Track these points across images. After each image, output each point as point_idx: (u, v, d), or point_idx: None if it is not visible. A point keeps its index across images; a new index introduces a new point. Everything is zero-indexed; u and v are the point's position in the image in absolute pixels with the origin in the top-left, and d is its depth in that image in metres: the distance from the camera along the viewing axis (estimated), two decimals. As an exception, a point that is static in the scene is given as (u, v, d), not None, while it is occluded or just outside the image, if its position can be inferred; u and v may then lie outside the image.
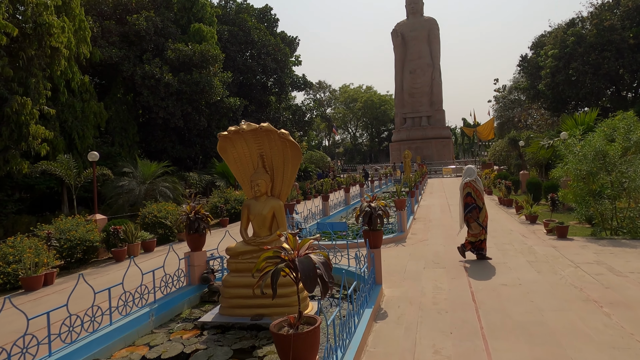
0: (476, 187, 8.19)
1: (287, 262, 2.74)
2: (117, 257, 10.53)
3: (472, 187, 8.20)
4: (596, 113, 19.64)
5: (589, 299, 5.74)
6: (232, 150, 6.32)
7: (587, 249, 8.74)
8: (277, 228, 6.15)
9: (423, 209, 16.99)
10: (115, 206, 16.96)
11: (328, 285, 2.67)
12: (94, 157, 13.03)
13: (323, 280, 2.65)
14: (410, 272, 7.68)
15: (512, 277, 6.96)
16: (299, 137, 39.78)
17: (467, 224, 8.30)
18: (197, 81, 22.81)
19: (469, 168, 8.58)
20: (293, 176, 6.23)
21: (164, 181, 18.12)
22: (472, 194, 8.21)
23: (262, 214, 6.11)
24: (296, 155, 6.08)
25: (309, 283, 2.57)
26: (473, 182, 8.21)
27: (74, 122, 19.67)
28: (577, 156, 10.96)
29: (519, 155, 30.77)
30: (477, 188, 8.18)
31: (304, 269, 2.62)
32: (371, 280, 6.23)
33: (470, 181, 8.25)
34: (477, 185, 8.23)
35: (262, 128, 5.85)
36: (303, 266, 2.64)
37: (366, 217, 6.39)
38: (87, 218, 12.95)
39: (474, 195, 8.19)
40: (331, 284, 2.70)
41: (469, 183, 8.23)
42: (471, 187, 8.21)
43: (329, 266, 2.73)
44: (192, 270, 7.07)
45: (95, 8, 22.83)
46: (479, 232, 8.12)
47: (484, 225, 8.14)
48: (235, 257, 6.05)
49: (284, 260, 2.78)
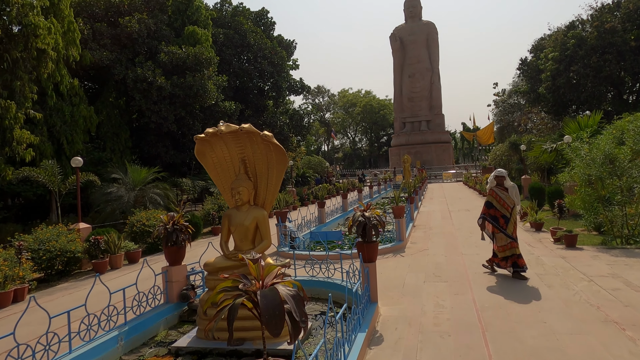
0: (499, 194, 7.35)
1: (249, 295, 2.15)
2: (97, 269, 9.90)
3: (494, 196, 7.40)
4: (600, 116, 19.08)
5: (608, 320, 5.13)
6: (211, 155, 5.74)
7: (599, 259, 8.13)
8: (260, 241, 5.55)
9: (423, 216, 16.38)
10: (103, 214, 16.34)
11: (300, 325, 2.07)
12: (78, 162, 12.43)
13: (293, 319, 2.05)
14: (409, 286, 7.07)
15: (521, 294, 6.35)
16: (297, 142, 39.18)
17: (491, 236, 7.54)
18: (190, 84, 22.22)
19: (498, 171, 7.59)
20: (278, 183, 5.63)
21: (155, 187, 17.49)
22: (493, 203, 7.40)
23: (244, 225, 5.51)
24: (281, 160, 5.49)
25: (273, 324, 1.97)
26: (495, 190, 7.41)
27: (62, 127, 19.06)
28: (584, 160, 10.38)
29: (520, 159, 30.21)
30: (500, 196, 7.33)
31: (268, 304, 2.03)
32: (366, 298, 5.62)
33: (492, 189, 7.48)
34: (502, 192, 7.35)
35: (242, 129, 5.26)
36: (267, 301, 2.05)
37: (359, 228, 5.79)
38: (69, 227, 12.35)
39: (497, 203, 7.36)
40: (304, 324, 2.09)
41: (491, 190, 7.48)
42: (493, 195, 7.43)
43: (301, 301, 2.13)
44: (170, 286, 6.45)
45: (86, 10, 22.28)
46: (505, 244, 7.26)
47: (513, 237, 7.26)
48: (214, 273, 5.44)
49: (246, 292, 2.18)
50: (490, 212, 7.43)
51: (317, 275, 7.37)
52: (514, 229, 7.32)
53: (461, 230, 12.60)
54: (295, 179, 35.23)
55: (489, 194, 7.46)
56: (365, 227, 5.77)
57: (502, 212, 7.29)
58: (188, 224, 6.70)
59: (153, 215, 14.38)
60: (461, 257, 8.97)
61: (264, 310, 2.01)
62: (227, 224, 5.63)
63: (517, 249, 7.24)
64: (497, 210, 7.33)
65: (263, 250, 5.49)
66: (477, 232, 11.96)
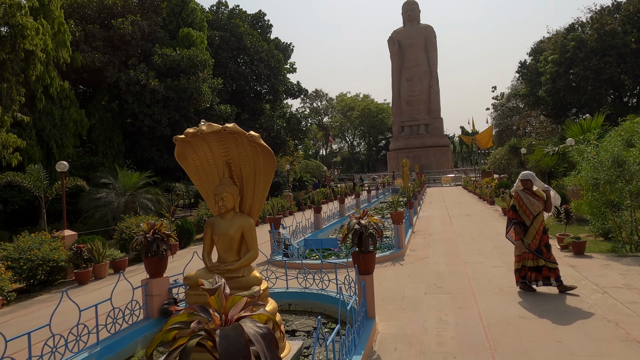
0: (522, 199, 6.63)
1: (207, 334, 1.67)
2: (80, 279, 9.38)
3: (518, 199, 6.71)
4: (602, 118, 18.65)
5: (629, 339, 4.64)
6: (193, 157, 5.24)
7: (611, 268, 7.65)
8: (246, 252, 5.05)
9: (422, 221, 15.90)
10: (92, 220, 15.82)
11: (270, 375, 1.58)
12: (63, 167, 11.93)
13: (260, 367, 1.56)
14: (409, 298, 6.57)
15: (531, 307, 5.86)
16: (294, 146, 38.73)
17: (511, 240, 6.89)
18: (184, 87, 21.79)
19: (523, 175, 6.76)
20: (266, 188, 5.14)
21: (147, 193, 17.00)
22: (516, 207, 6.71)
23: (229, 234, 5.01)
24: (269, 163, 4.99)
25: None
26: (520, 193, 6.68)
27: (52, 130, 18.57)
28: (591, 163, 9.92)
29: (520, 163, 29.80)
30: (524, 200, 6.61)
31: (229, 347, 1.55)
32: (362, 314, 5.13)
33: (517, 192, 6.78)
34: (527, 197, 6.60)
35: (226, 129, 4.77)
36: (227, 342, 1.56)
37: (355, 237, 5.30)
38: (54, 234, 11.83)
39: (519, 208, 6.67)
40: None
41: (516, 193, 6.78)
42: (517, 198, 6.73)
43: (274, 342, 1.64)
44: (150, 300, 5.95)
45: (78, 12, 21.85)
46: (521, 253, 6.59)
47: (530, 248, 6.51)
48: (195, 287, 4.94)
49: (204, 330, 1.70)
50: (510, 214, 6.79)
51: (311, 287, 6.88)
52: (535, 239, 6.50)
53: (462, 236, 12.12)
54: (293, 184, 34.72)
55: (514, 197, 6.80)
56: (362, 236, 5.29)
57: (523, 218, 6.63)
58: (170, 233, 6.22)
59: (143, 221, 13.90)
60: (463, 266, 8.48)
61: (223, 355, 1.53)
62: (209, 233, 5.13)
63: (532, 261, 6.51)
64: (519, 216, 6.68)
65: (249, 262, 5.01)
66: (479, 239, 11.51)
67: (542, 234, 6.52)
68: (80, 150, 21.66)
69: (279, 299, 6.95)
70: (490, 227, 13.39)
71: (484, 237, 11.67)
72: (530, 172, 6.74)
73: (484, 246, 10.41)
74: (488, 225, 13.81)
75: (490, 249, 9.99)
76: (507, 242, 10.55)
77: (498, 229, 12.94)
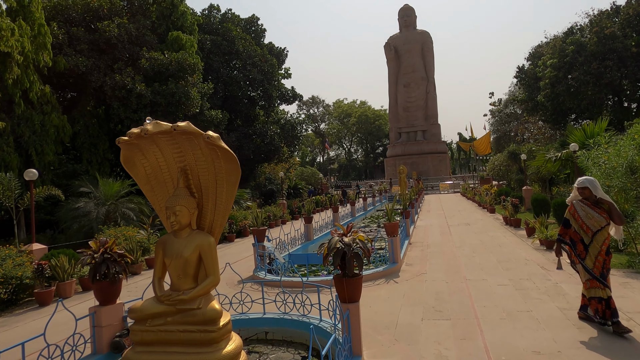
0: (578, 211, 5.33)
1: None
2: (40, 299, 8.45)
3: (573, 212, 5.42)
4: (606, 123, 17.90)
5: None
6: (143, 163, 4.38)
7: (632, 288, 6.80)
8: (204, 277, 4.18)
9: (420, 231, 15.04)
10: (69, 232, 14.90)
11: None
12: (32, 175, 11.06)
13: None
14: (403, 326, 5.69)
15: (546, 338, 4.99)
16: (289, 153, 37.88)
17: (573, 265, 5.61)
18: (172, 92, 20.96)
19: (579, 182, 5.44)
20: (230, 200, 4.28)
21: (129, 202, 16.11)
22: (571, 222, 5.42)
23: (183, 256, 4.12)
24: (232, 169, 4.13)
25: None
26: (575, 205, 5.40)
27: (31, 137, 17.66)
28: (602, 169, 9.12)
29: (519, 169, 29.02)
30: (579, 213, 5.31)
31: None
32: (346, 351, 4.25)
33: (572, 202, 5.52)
34: (584, 208, 5.30)
35: (177, 129, 3.92)
36: None
37: (337, 258, 4.44)
38: (21, 248, 10.93)
39: (574, 223, 5.39)
40: None
41: (571, 205, 5.51)
42: (571, 211, 5.45)
43: None
44: (98, 332, 5.06)
45: (62, 14, 21.05)
46: (584, 280, 5.34)
47: (594, 273, 5.18)
48: (141, 321, 4.05)
49: None
50: (569, 233, 5.47)
51: (291, 312, 6.01)
52: (598, 261, 5.18)
53: (462, 248, 11.26)
54: (287, 191, 33.84)
55: (568, 210, 5.53)
56: (345, 257, 4.43)
57: (581, 235, 5.33)
58: (125, 252, 5.35)
59: (122, 232, 13.03)
60: (465, 284, 7.62)
61: None
62: (161, 255, 4.24)
63: (603, 291, 5.14)
64: (576, 233, 5.39)
65: (207, 291, 4.11)
66: (480, 251, 10.64)
67: (605, 254, 5.19)
68: (63, 157, 20.73)
69: (254, 326, 6.09)
70: (492, 238, 12.53)
71: (486, 250, 10.81)
72: (589, 178, 5.43)
73: (487, 260, 9.54)
74: (490, 236, 12.95)
75: (494, 264, 9.13)
76: (511, 256, 9.73)
77: (500, 240, 12.09)
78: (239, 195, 23.13)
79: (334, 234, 4.62)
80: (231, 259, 12.08)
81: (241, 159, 31.07)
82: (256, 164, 34.06)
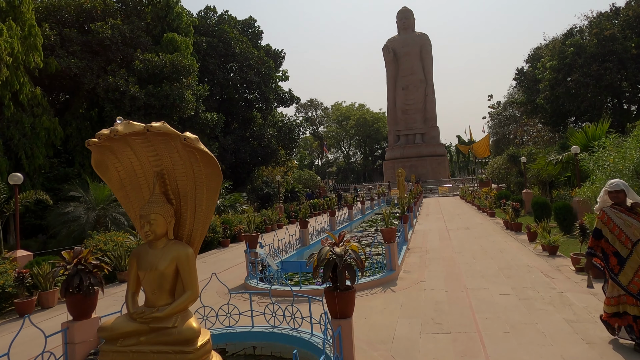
0: (613, 219, 4.64)
1: None
2: (20, 310, 8.07)
3: (605, 220, 4.73)
4: (607, 125, 17.62)
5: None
6: (117, 166, 4.02)
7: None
8: (182, 292, 3.82)
9: (418, 236, 14.69)
10: (59, 237, 14.52)
11: None
12: (17, 179, 10.68)
13: None
14: (400, 340, 5.33)
15: (553, 354, 4.63)
16: (286, 155, 37.54)
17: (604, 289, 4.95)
18: (167, 94, 20.64)
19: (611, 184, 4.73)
20: (211, 207, 3.92)
21: (120, 206, 15.71)
22: (603, 232, 4.75)
23: (158, 269, 3.76)
24: (213, 174, 3.78)
25: None
26: (607, 212, 4.70)
27: (21, 140, 17.31)
28: (607, 172, 8.79)
29: (519, 172, 28.72)
30: (615, 222, 4.62)
31: None
32: (337, 372, 3.89)
33: (602, 210, 4.80)
34: (620, 216, 4.61)
35: (151, 130, 3.56)
36: None
37: (328, 270, 4.09)
38: (4, 255, 10.54)
39: (609, 233, 4.69)
40: None
41: (602, 213, 4.78)
42: (603, 219, 4.76)
43: None
44: (71, 350, 4.69)
45: (55, 15, 20.72)
46: (615, 295, 4.68)
47: (629, 290, 4.55)
48: (112, 341, 3.69)
49: None
50: (601, 244, 4.80)
51: (281, 325, 5.64)
52: (638, 276, 4.51)
53: (462, 254, 10.91)
54: (285, 195, 33.49)
55: (599, 218, 4.83)
56: (336, 269, 4.08)
57: (615, 246, 4.64)
58: (101, 263, 4.99)
59: (113, 238, 12.66)
60: (465, 293, 7.26)
61: None
62: (134, 268, 3.89)
63: (634, 308, 4.54)
64: (609, 244, 4.71)
65: (185, 307, 3.75)
66: (481, 257, 10.29)
67: None
68: (55, 161, 20.37)
69: (242, 340, 5.73)
70: (493, 243, 12.18)
71: (486, 256, 10.46)
72: (621, 181, 4.72)
73: (488, 267, 9.19)
74: (490, 241, 12.60)
75: (495, 271, 8.78)
76: (513, 263, 9.38)
77: (501, 245, 11.75)
78: (234, 198, 22.75)
79: (325, 243, 4.27)
80: (224, 265, 11.71)
81: (238, 161, 30.72)
82: (253, 167, 33.72)
